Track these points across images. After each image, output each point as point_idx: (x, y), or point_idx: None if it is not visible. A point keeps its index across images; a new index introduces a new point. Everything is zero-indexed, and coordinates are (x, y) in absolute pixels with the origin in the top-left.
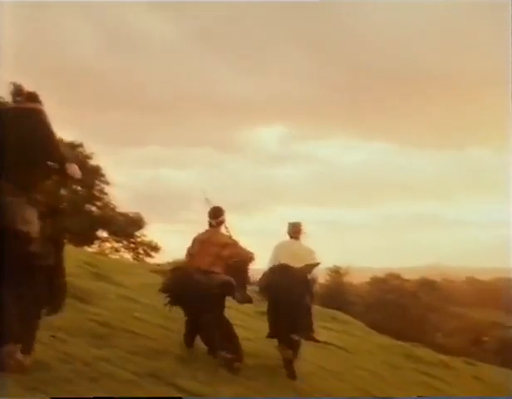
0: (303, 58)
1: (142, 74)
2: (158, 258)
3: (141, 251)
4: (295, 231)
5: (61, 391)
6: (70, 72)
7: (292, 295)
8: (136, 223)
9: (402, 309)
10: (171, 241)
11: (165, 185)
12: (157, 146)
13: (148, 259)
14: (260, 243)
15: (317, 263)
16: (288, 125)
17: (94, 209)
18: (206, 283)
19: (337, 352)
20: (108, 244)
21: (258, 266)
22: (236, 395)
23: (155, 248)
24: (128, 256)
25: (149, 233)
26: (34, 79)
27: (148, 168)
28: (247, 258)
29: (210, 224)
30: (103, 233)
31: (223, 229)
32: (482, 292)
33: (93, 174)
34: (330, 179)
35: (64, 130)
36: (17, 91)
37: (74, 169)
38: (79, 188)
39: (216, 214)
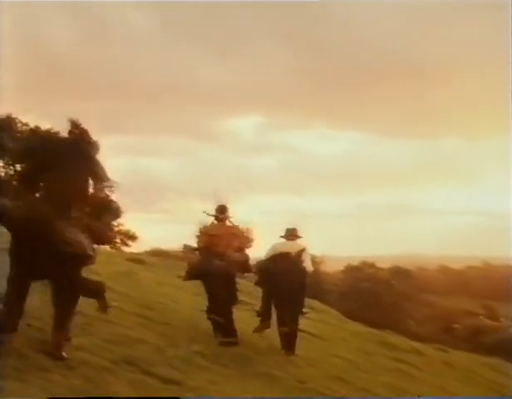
0: (280, 49)
1: (120, 63)
2: (135, 247)
3: (118, 240)
4: (291, 234)
5: (36, 378)
6: (48, 60)
7: (292, 280)
8: (113, 212)
9: (376, 297)
10: (148, 230)
11: (142, 174)
12: (134, 135)
13: (125, 248)
14: None
15: (304, 249)
16: (265, 114)
17: None
18: (225, 266)
19: (312, 340)
20: None
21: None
22: (209, 382)
23: (133, 238)
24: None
25: (126, 222)
26: (12, 67)
27: (124, 157)
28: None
29: (217, 218)
30: None
31: (227, 223)
32: (454, 280)
33: None
34: (306, 169)
35: (41, 118)
36: (73, 125)
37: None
38: None
39: (223, 210)
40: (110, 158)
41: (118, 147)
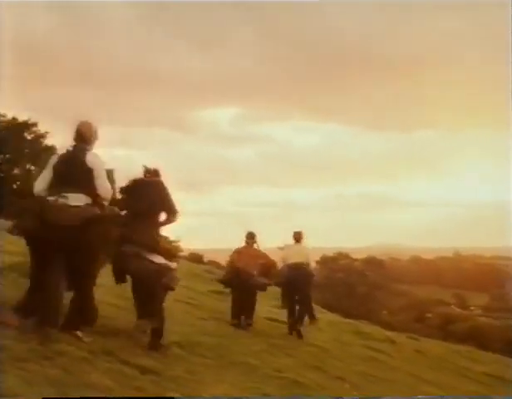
0: (259, 41)
1: (97, 53)
2: None
3: None
4: (297, 237)
5: (13, 367)
6: (23, 48)
7: (305, 285)
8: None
9: (351, 288)
10: None
11: (120, 165)
12: (111, 126)
13: None
14: (214, 221)
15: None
16: (243, 105)
17: None
18: (249, 283)
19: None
20: None
21: (225, 245)
22: (187, 372)
23: None
24: None
25: None
26: None
27: (102, 147)
28: (272, 264)
29: (247, 243)
30: None
31: (255, 246)
32: (426, 270)
33: (48, 154)
34: (283, 161)
35: (17, 109)
36: (148, 170)
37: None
38: (32, 167)
39: (252, 237)
40: None
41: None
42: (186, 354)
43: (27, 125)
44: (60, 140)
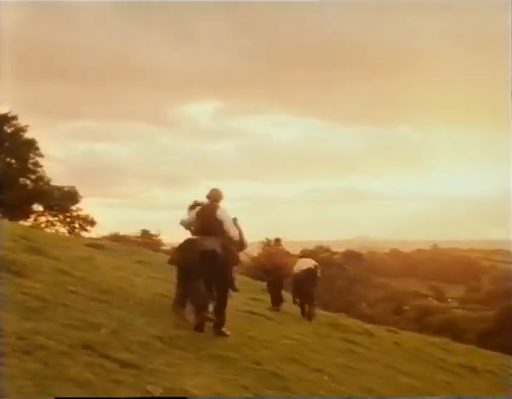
0: (238, 35)
1: (77, 47)
2: (94, 232)
3: (77, 225)
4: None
5: None
6: (2, 41)
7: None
8: (72, 197)
9: (330, 281)
10: (106, 215)
11: (100, 159)
12: (91, 120)
13: (84, 233)
14: None
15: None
16: (222, 100)
17: (28, 182)
18: (280, 274)
19: (266, 323)
20: (44, 218)
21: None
22: (167, 365)
23: (91, 223)
24: (64, 230)
25: (84, 207)
26: None
27: (82, 141)
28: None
29: (275, 243)
30: (39, 207)
31: (280, 248)
32: (404, 263)
33: (28, 147)
34: (262, 155)
35: None
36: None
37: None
38: (13, 161)
39: (279, 241)
40: (68, 142)
41: (75, 132)
42: (166, 347)
43: (6, 119)
44: (40, 133)
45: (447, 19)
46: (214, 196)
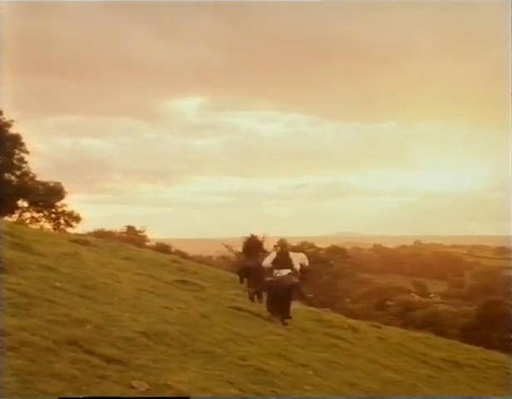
0: (223, 30)
1: (61, 41)
2: (79, 228)
3: (62, 221)
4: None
5: None
6: None
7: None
8: (57, 192)
9: (315, 276)
10: (91, 211)
11: (85, 155)
12: (76, 115)
13: (69, 229)
14: (178, 212)
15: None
16: (207, 95)
17: (13, 178)
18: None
19: (252, 319)
20: (28, 214)
21: (191, 236)
22: (153, 361)
23: (77, 219)
24: (49, 226)
25: (69, 203)
26: None
27: (67, 137)
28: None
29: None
30: (24, 203)
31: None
32: (387, 259)
33: (12, 143)
34: (248, 150)
35: None
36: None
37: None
38: None
39: (284, 243)
40: (53, 137)
41: (60, 127)
42: (151, 343)
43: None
44: (24, 128)
45: (437, 17)
46: (286, 245)
